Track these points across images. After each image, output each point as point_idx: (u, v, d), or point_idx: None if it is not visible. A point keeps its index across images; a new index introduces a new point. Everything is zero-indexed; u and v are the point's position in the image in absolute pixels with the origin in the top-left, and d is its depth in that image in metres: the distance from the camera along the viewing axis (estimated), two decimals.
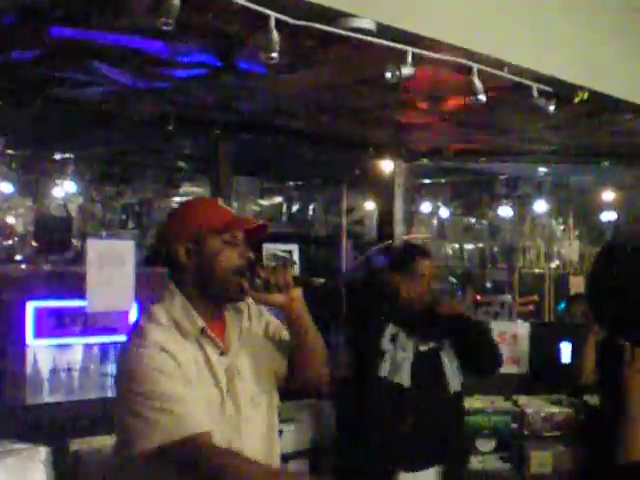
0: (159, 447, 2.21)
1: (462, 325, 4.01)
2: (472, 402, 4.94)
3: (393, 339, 3.96)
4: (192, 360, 2.37)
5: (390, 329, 3.96)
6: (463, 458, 4.37)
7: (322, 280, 2.67)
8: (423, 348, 4.00)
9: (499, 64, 3.33)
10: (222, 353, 2.46)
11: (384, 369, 3.92)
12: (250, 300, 2.55)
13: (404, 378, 3.93)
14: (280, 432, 4.02)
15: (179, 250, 2.42)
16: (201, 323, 2.41)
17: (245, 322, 2.58)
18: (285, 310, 2.50)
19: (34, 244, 9.62)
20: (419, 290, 3.97)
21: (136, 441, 2.25)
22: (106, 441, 3.77)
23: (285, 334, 2.64)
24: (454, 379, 4.05)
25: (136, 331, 2.40)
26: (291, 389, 2.71)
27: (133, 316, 4.09)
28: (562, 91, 3.71)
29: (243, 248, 2.45)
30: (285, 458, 4.14)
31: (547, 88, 3.59)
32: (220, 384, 2.43)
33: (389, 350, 3.94)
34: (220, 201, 2.68)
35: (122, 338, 2.52)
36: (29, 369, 4.30)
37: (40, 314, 4.35)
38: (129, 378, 2.31)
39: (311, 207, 12.57)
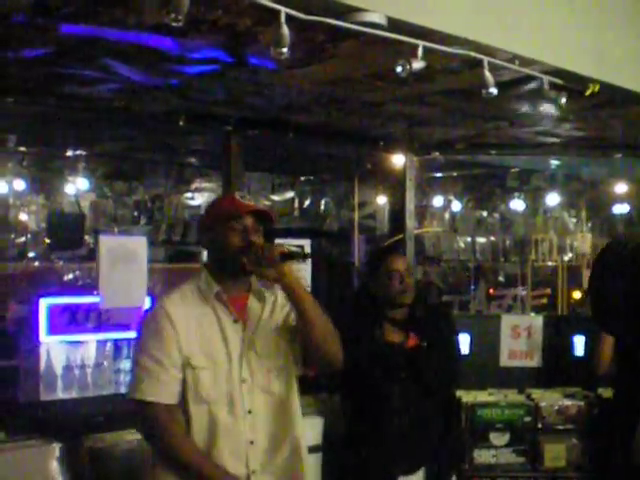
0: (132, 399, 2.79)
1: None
2: (485, 396, 4.94)
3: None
4: (204, 322, 2.82)
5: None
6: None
7: (307, 251, 3.42)
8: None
9: (510, 57, 3.32)
10: (236, 321, 2.87)
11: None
12: (279, 291, 2.96)
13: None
14: None
15: (203, 237, 2.98)
16: (216, 288, 2.86)
17: (267, 310, 2.97)
18: (278, 283, 2.87)
19: (47, 241, 9.66)
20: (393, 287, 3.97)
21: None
22: (120, 437, 3.79)
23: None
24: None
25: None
26: (312, 371, 3.07)
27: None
28: (573, 83, 3.70)
29: (247, 232, 2.85)
30: None
31: (558, 80, 3.58)
32: (230, 345, 2.83)
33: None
34: (237, 194, 3.05)
35: (135, 334, 3.01)
36: (43, 366, 4.31)
37: (53, 311, 4.36)
38: (139, 332, 2.88)
39: (323, 202, 12.57)
